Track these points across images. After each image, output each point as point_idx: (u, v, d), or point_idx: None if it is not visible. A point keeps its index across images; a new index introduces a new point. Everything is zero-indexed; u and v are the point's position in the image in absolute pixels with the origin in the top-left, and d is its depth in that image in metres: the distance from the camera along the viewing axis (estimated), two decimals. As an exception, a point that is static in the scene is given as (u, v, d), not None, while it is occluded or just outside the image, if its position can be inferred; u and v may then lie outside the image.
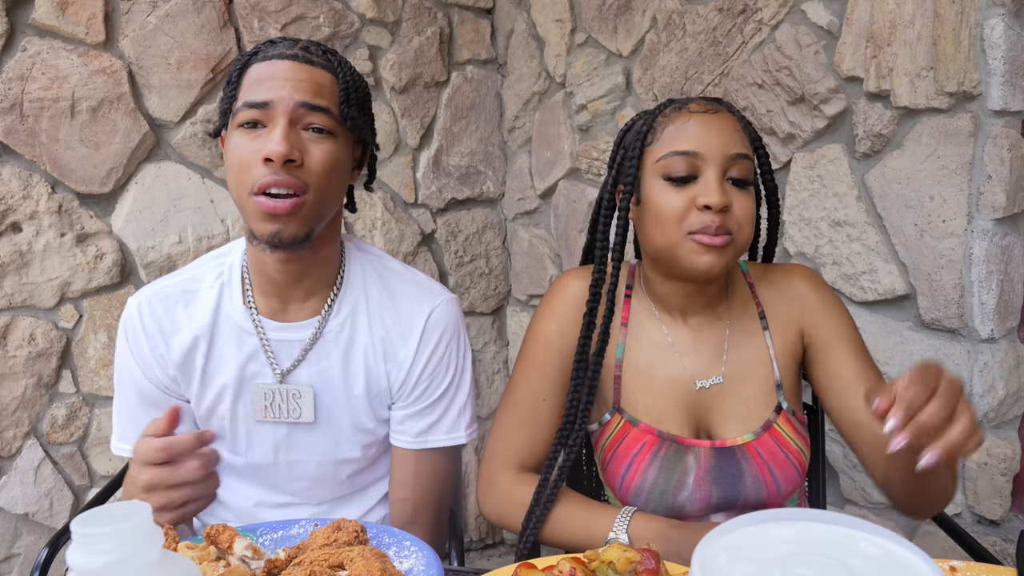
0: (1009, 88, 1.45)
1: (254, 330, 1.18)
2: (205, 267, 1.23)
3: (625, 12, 2.13)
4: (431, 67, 2.41)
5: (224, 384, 1.19)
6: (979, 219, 1.51)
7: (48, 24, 1.82)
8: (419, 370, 1.20)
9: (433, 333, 1.20)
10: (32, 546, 1.93)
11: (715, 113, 1.09)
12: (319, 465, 1.23)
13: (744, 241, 1.08)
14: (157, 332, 1.19)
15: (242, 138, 1.07)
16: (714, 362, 1.16)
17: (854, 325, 1.18)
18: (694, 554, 0.55)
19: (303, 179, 1.05)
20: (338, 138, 1.10)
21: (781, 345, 1.17)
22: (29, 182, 1.84)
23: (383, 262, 1.25)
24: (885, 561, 0.54)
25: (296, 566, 0.88)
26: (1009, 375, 1.55)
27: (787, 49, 1.76)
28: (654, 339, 1.18)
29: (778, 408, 1.14)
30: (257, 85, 1.07)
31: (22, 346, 1.87)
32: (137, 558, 0.62)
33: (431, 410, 1.22)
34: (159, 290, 1.21)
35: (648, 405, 1.16)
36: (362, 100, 1.14)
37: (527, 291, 2.61)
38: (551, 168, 2.43)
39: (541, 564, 0.87)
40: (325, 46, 1.14)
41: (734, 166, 1.07)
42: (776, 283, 1.20)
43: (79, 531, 0.61)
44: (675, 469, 1.12)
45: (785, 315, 1.18)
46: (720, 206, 1.04)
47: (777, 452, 1.11)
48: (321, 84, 1.08)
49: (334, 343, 1.19)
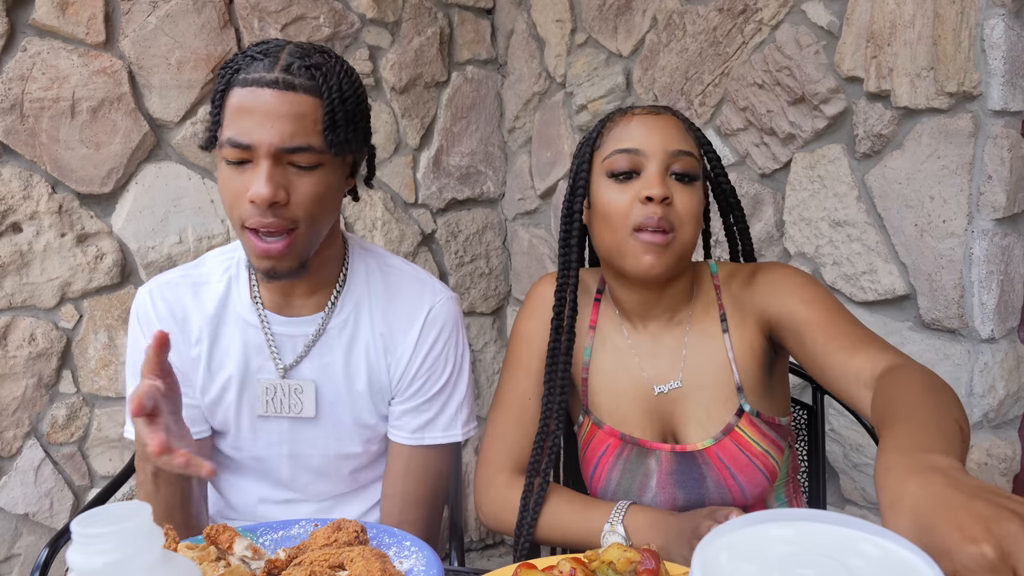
0: (1009, 88, 1.45)
1: (259, 324, 1.19)
2: (212, 262, 1.25)
3: (625, 12, 2.13)
4: (431, 67, 2.41)
5: (229, 376, 1.20)
6: (979, 219, 1.51)
7: (48, 24, 1.82)
8: (417, 364, 1.21)
9: (432, 328, 1.22)
10: (32, 546, 1.93)
11: (657, 115, 1.13)
12: (322, 459, 1.24)
13: (687, 239, 1.09)
14: (168, 316, 1.20)
15: (230, 172, 1.07)
16: (672, 367, 1.16)
17: (820, 296, 1.08)
18: (694, 554, 0.55)
19: (291, 216, 1.06)
20: (326, 166, 1.08)
21: (739, 345, 1.14)
22: (29, 182, 1.84)
23: (385, 259, 1.27)
24: (885, 561, 0.54)
25: (296, 566, 0.88)
26: (1009, 375, 1.55)
27: (787, 49, 1.76)
28: (617, 344, 1.19)
29: (740, 411, 1.12)
30: (241, 120, 1.04)
31: (22, 346, 1.87)
32: (137, 558, 0.62)
33: (428, 406, 1.23)
34: (168, 280, 1.23)
35: (612, 408, 1.17)
36: (351, 114, 1.10)
37: (527, 291, 2.61)
38: (551, 168, 2.43)
39: (541, 564, 0.87)
40: (310, 56, 1.08)
41: (676, 162, 1.09)
42: (740, 280, 1.17)
43: (79, 531, 0.61)
44: (637, 471, 1.14)
45: (743, 311, 1.15)
46: (660, 196, 1.05)
47: (740, 456, 1.10)
48: (303, 115, 1.04)
49: (337, 339, 1.20)
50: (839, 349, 1.00)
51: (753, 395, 1.14)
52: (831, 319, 1.05)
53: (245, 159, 1.05)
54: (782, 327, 1.10)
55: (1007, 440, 1.58)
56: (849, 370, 0.98)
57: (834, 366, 1.00)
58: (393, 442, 1.25)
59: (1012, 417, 1.59)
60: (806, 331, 1.05)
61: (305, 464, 1.24)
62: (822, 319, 1.05)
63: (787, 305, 1.09)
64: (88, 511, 0.63)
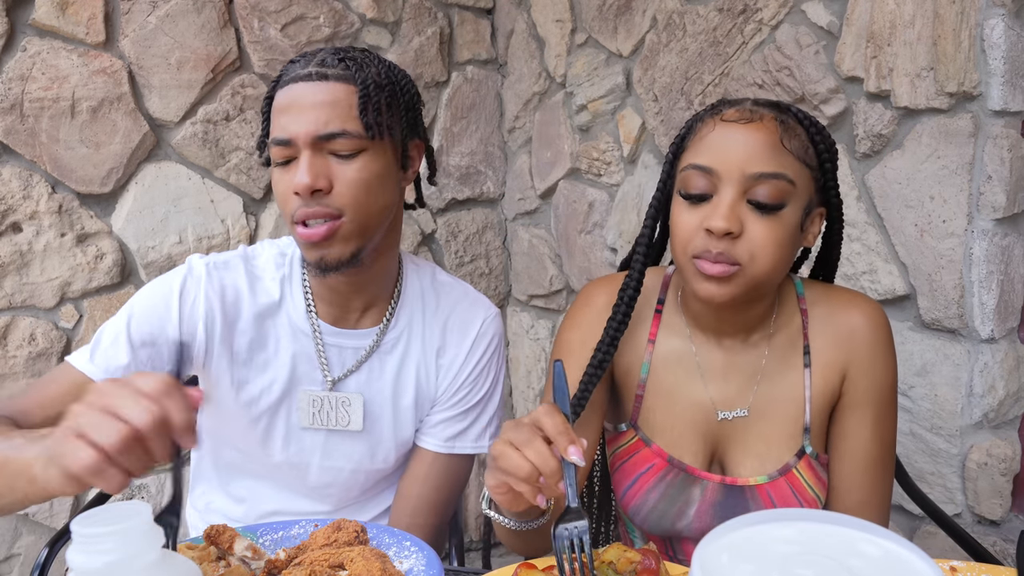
0: (1009, 88, 1.45)
1: (311, 332, 1.18)
2: (266, 255, 1.21)
3: (625, 12, 2.13)
4: (431, 67, 2.41)
5: (273, 380, 1.17)
6: (979, 219, 1.51)
7: (48, 24, 1.82)
8: (466, 374, 1.22)
9: (484, 340, 1.23)
10: (32, 546, 1.93)
11: (747, 123, 0.97)
12: (352, 473, 1.23)
13: (759, 272, 0.97)
14: (219, 294, 1.15)
15: (279, 174, 1.09)
16: (741, 394, 1.08)
17: (894, 387, 1.08)
18: (694, 554, 0.55)
19: (335, 204, 1.06)
20: (369, 151, 1.08)
21: (819, 388, 1.07)
22: (29, 182, 1.84)
23: (435, 275, 1.27)
24: (885, 561, 0.54)
25: (296, 566, 0.88)
26: (1009, 375, 1.55)
27: (787, 49, 1.76)
28: (682, 359, 1.10)
29: (800, 452, 1.06)
30: (281, 117, 1.07)
31: (22, 346, 1.87)
32: (137, 558, 0.62)
33: (464, 416, 1.23)
34: (228, 260, 1.18)
35: (666, 427, 1.09)
36: (389, 100, 1.10)
37: (527, 291, 2.61)
38: (551, 168, 2.43)
39: (541, 564, 0.87)
40: (347, 51, 1.10)
41: (757, 186, 0.95)
42: (833, 316, 1.08)
43: (79, 531, 0.61)
44: (678, 498, 1.07)
45: (832, 357, 1.07)
46: (722, 232, 0.94)
47: (791, 499, 1.04)
48: (336, 102, 1.05)
49: (390, 354, 1.20)
50: (846, 493, 1.07)
51: (817, 438, 1.08)
52: (872, 463, 1.07)
53: (290, 156, 1.07)
54: (845, 399, 1.08)
55: (1007, 440, 1.58)
56: (835, 509, 1.06)
57: (836, 493, 1.08)
58: (420, 447, 1.24)
59: (1012, 417, 1.58)
60: (847, 447, 1.08)
61: (334, 476, 1.22)
62: (868, 455, 1.07)
63: (857, 387, 1.07)
64: (88, 511, 0.63)
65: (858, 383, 1.07)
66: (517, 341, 2.67)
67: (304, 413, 1.18)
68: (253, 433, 1.19)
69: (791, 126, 0.98)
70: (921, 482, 1.64)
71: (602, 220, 2.29)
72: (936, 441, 1.62)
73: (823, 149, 1.00)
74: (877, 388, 1.07)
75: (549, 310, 2.55)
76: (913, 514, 1.68)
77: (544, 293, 2.54)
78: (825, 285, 1.14)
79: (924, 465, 1.64)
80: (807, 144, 0.99)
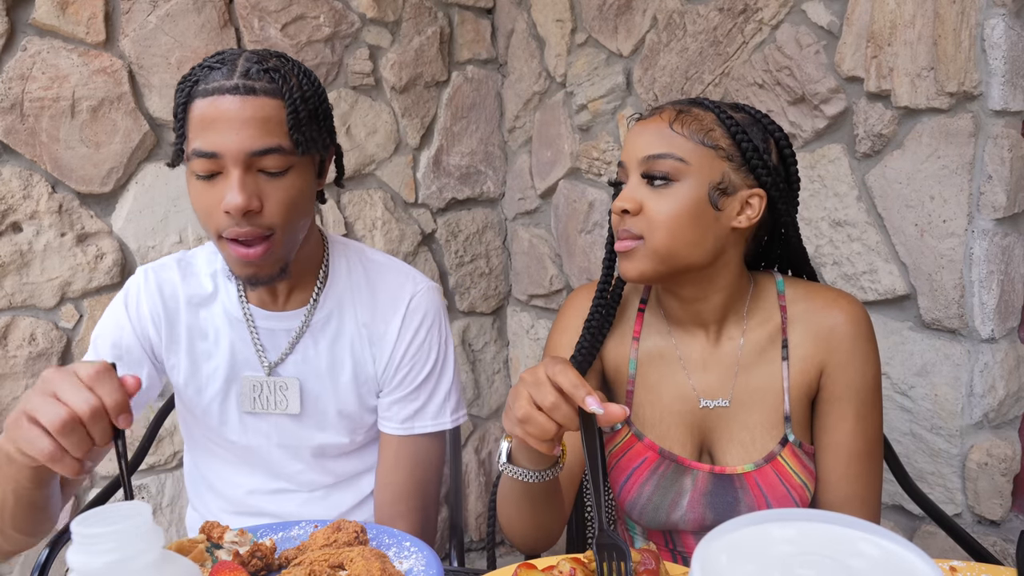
0: (1009, 88, 1.45)
1: (243, 318, 1.21)
2: (203, 255, 1.27)
3: (625, 12, 2.13)
4: (431, 67, 2.41)
5: (216, 367, 1.22)
6: (979, 219, 1.51)
7: (48, 24, 1.82)
8: (401, 353, 1.23)
9: (414, 317, 1.24)
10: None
11: (646, 120, 1.09)
12: (309, 450, 1.26)
13: (659, 243, 1.04)
14: (156, 292, 1.22)
15: (201, 185, 1.07)
16: (722, 384, 1.13)
17: (876, 384, 1.12)
18: (694, 554, 0.55)
19: (265, 223, 1.07)
20: (296, 167, 1.08)
21: (797, 380, 1.11)
22: (29, 182, 1.84)
23: (366, 253, 1.29)
24: (885, 561, 0.54)
25: (296, 566, 0.89)
26: (1009, 375, 1.55)
27: (787, 49, 1.76)
28: (664, 354, 1.16)
29: (784, 440, 1.10)
30: (204, 129, 1.04)
31: (22, 346, 1.87)
32: (137, 558, 0.62)
33: (416, 395, 1.25)
34: (164, 262, 1.27)
35: (655, 421, 1.15)
36: (313, 112, 1.10)
37: (527, 291, 2.61)
38: (551, 168, 2.43)
39: (541, 564, 0.87)
40: (267, 61, 1.08)
41: (648, 167, 1.05)
42: (813, 314, 1.12)
43: (79, 531, 0.61)
44: (671, 489, 1.12)
45: (809, 351, 1.11)
46: (619, 209, 1.06)
47: (778, 485, 1.09)
48: (267, 118, 1.04)
49: (321, 332, 1.22)
50: (834, 486, 1.10)
51: (799, 427, 1.12)
52: (855, 456, 1.10)
53: (215, 170, 1.05)
54: (825, 393, 1.11)
55: (1007, 440, 1.58)
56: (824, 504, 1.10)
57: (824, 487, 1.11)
58: (384, 433, 1.26)
59: (1012, 417, 1.58)
60: (829, 440, 1.11)
61: (294, 455, 1.26)
62: (851, 448, 1.10)
63: (838, 382, 1.10)
64: (88, 511, 0.63)
65: (837, 379, 1.10)
66: (517, 341, 2.67)
67: (246, 398, 1.22)
68: (212, 419, 1.24)
69: (693, 114, 1.06)
70: (921, 482, 1.64)
71: (602, 220, 2.29)
72: (936, 441, 1.62)
73: (737, 131, 1.05)
74: (857, 385, 1.10)
75: (549, 310, 2.55)
76: (913, 514, 1.68)
77: (544, 293, 2.54)
78: (808, 283, 1.17)
79: (924, 465, 1.64)
80: (711, 128, 1.05)
